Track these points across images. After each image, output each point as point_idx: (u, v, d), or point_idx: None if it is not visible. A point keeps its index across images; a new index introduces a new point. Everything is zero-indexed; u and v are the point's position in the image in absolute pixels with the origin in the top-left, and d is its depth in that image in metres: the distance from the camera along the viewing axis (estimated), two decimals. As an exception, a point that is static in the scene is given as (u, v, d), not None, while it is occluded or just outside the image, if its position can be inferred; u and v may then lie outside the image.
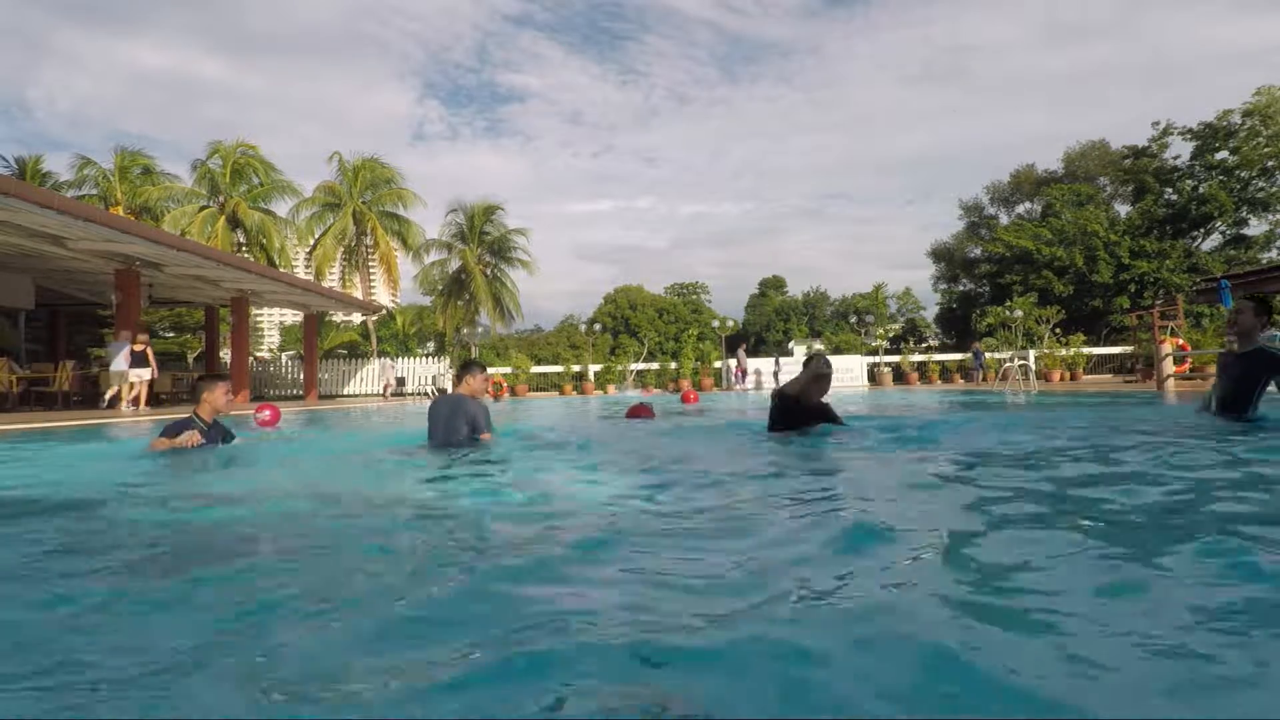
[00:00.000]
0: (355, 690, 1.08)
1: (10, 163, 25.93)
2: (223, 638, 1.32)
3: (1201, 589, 1.47)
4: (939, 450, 4.18)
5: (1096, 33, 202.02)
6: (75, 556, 2.10)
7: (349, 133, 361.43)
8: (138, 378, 12.11)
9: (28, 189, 9.81)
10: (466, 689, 1.07)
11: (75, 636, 1.36)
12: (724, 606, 1.41)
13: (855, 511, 2.41)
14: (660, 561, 1.78)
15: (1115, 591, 1.46)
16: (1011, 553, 1.81)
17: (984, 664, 1.10)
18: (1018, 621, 1.31)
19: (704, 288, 72.21)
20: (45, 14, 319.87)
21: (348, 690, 1.08)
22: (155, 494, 3.30)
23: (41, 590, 1.70)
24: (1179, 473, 2.96)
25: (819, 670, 1.10)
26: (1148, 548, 1.81)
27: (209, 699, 1.06)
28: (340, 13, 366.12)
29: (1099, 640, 1.20)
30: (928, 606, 1.38)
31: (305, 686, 1.09)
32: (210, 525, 2.56)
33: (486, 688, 1.07)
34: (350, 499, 2.98)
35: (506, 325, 33.04)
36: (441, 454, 4.43)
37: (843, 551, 1.86)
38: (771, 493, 2.91)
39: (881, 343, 27.60)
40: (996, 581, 1.56)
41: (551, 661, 1.15)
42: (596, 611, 1.38)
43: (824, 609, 1.42)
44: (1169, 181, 30.97)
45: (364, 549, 2.09)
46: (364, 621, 1.39)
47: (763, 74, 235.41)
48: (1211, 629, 1.24)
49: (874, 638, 1.22)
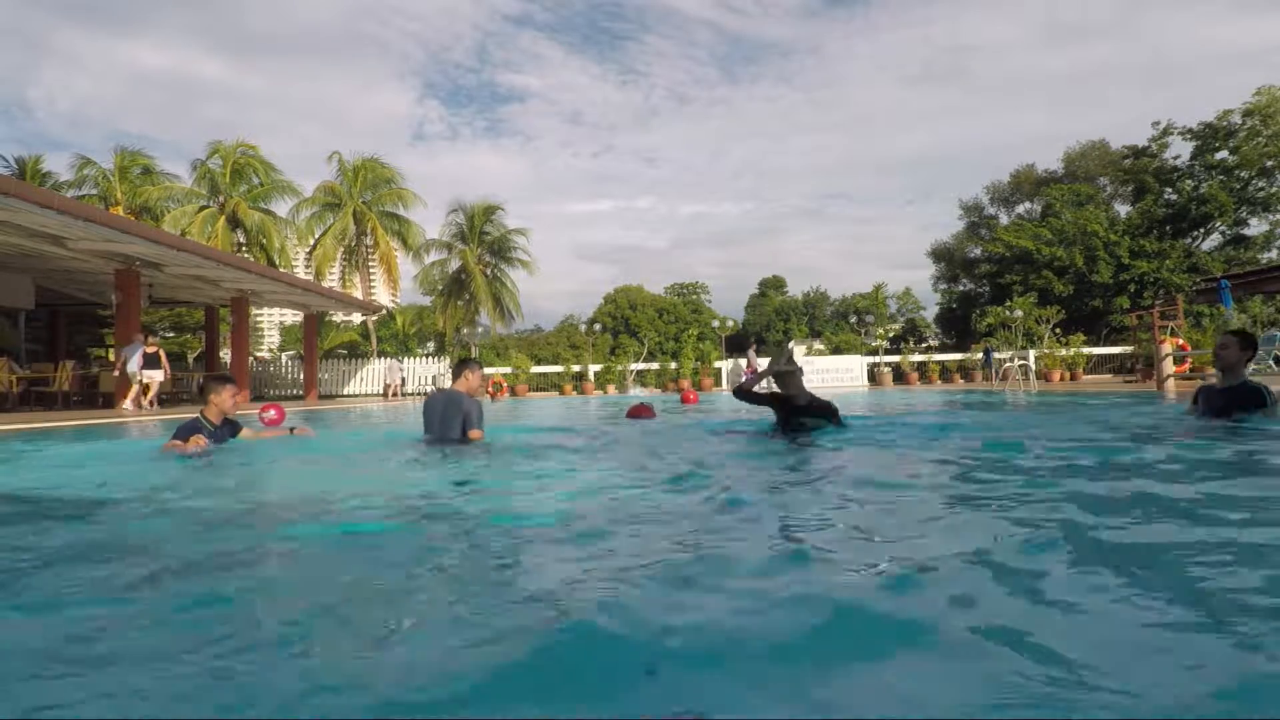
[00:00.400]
0: (367, 688, 1.08)
1: (10, 163, 25.93)
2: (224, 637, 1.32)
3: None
4: (929, 450, 4.19)
5: (1096, 32, 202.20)
6: (93, 556, 2.10)
7: (349, 133, 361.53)
8: (149, 378, 12.47)
9: (28, 189, 9.81)
10: (466, 689, 1.08)
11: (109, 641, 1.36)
12: (723, 603, 1.41)
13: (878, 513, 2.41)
14: (665, 556, 1.78)
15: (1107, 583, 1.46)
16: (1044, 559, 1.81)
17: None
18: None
19: (704, 288, 72.17)
20: (46, 14, 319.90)
21: (362, 688, 1.08)
22: (171, 495, 3.30)
23: (75, 591, 1.70)
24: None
25: (817, 669, 1.11)
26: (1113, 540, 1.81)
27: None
28: (340, 13, 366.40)
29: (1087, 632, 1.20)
30: (924, 601, 1.38)
31: (314, 686, 1.10)
32: (221, 522, 2.57)
33: (486, 688, 1.07)
34: (354, 496, 2.98)
35: (506, 325, 33.04)
36: (437, 452, 4.44)
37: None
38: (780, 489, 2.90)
39: (881, 343, 27.59)
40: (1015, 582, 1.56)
41: (552, 661, 1.15)
42: (596, 611, 1.38)
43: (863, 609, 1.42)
44: (1169, 181, 30.96)
45: (372, 547, 2.10)
46: (364, 620, 1.39)
47: (763, 74, 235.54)
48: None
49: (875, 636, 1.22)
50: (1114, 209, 34.41)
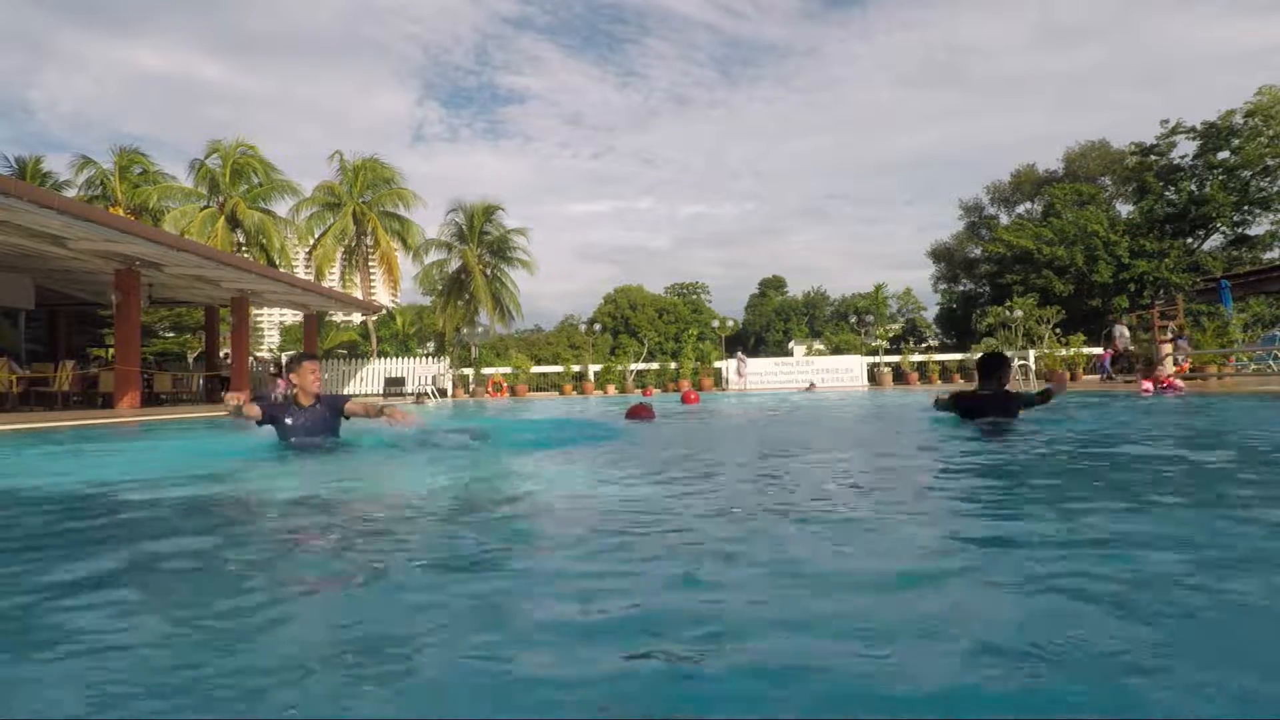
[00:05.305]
0: (354, 687, 1.08)
1: (10, 163, 25.94)
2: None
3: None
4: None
5: (1096, 33, 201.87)
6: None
7: (349, 134, 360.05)
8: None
9: (28, 189, 9.81)
10: (469, 689, 1.07)
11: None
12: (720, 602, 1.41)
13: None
14: (662, 555, 1.78)
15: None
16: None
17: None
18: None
19: (704, 288, 72.23)
20: (47, 16, 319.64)
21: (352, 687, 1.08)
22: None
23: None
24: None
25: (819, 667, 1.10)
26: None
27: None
28: (340, 15, 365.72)
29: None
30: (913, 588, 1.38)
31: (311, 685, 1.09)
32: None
33: (489, 686, 1.07)
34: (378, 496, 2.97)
35: (506, 325, 33.04)
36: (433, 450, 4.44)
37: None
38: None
39: (881, 343, 27.60)
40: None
41: (553, 662, 1.15)
42: (598, 610, 1.38)
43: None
44: (1171, 181, 30.97)
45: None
46: (366, 622, 1.39)
47: (761, 76, 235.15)
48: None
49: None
50: (1115, 209, 34.41)
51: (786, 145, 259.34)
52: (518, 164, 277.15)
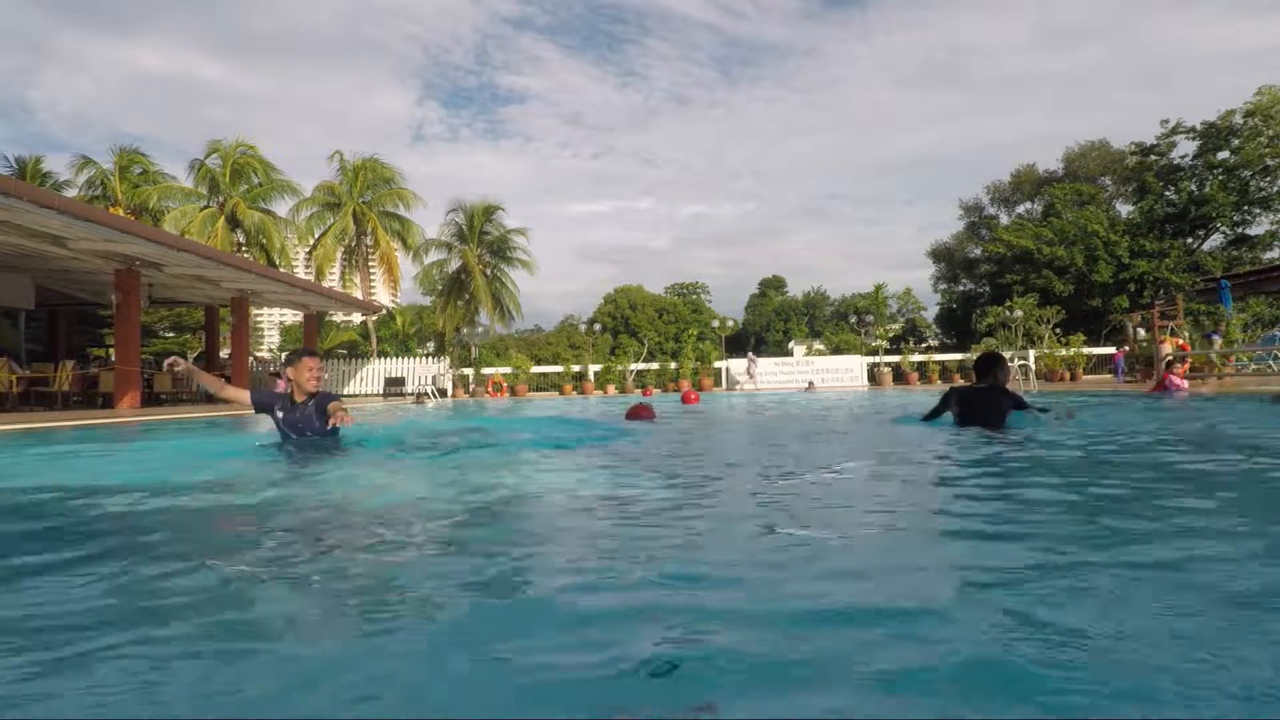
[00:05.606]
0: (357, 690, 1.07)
1: (10, 163, 25.93)
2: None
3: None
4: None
5: (1096, 33, 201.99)
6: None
7: (349, 134, 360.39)
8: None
9: (28, 189, 9.81)
10: (469, 688, 1.07)
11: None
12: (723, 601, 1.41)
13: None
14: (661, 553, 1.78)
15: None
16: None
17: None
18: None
19: (704, 288, 72.22)
20: (47, 16, 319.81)
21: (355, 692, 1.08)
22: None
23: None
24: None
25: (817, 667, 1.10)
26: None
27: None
28: (340, 15, 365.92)
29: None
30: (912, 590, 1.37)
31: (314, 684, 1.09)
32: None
33: (489, 686, 1.07)
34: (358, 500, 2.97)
35: (506, 325, 33.06)
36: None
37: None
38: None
39: (881, 343, 27.61)
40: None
41: (555, 662, 1.15)
42: (598, 609, 1.38)
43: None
44: (1171, 181, 30.97)
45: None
46: (367, 620, 1.39)
47: (761, 76, 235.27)
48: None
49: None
50: (1115, 209, 34.42)
51: (786, 145, 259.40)
52: (518, 164, 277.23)
